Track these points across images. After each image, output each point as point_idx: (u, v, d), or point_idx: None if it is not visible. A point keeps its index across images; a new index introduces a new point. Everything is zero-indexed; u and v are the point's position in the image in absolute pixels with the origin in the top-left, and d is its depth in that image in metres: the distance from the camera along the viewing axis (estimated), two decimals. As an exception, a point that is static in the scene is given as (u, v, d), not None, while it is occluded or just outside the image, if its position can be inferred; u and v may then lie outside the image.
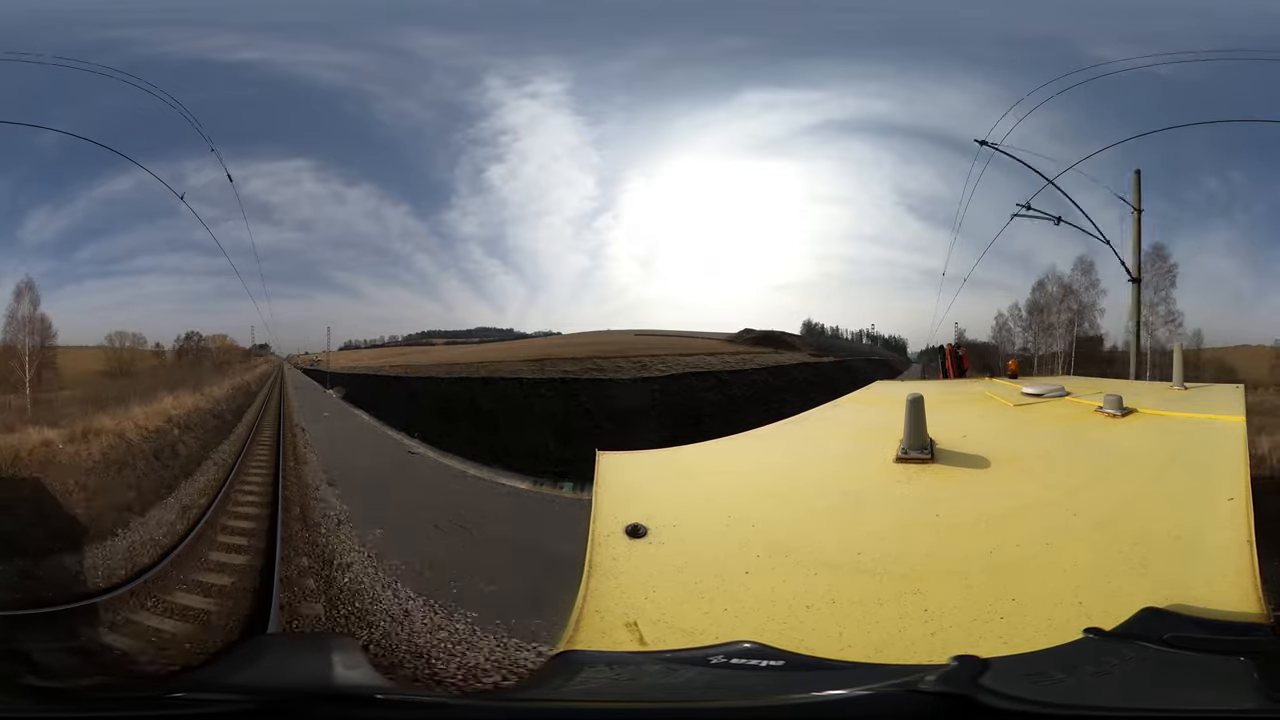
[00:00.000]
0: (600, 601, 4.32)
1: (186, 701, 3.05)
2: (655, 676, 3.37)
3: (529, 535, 12.21)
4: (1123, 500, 4.83)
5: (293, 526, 11.56)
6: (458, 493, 15.91)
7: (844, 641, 3.69)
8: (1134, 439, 6.28)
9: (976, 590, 3.94)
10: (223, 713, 2.88)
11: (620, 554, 4.83)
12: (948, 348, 18.05)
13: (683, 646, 3.70)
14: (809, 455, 7.22)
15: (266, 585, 8.70)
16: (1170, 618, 3.24)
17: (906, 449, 5.89)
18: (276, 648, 4.99)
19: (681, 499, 5.84)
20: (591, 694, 3.24)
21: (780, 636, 3.69)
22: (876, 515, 5.12)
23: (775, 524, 5.13)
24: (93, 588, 8.81)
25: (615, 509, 5.41)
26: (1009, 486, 5.40)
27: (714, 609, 4.14)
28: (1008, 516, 4.80)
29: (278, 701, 2.89)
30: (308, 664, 3.68)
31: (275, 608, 7.95)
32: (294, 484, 14.87)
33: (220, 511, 12.55)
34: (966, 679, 2.57)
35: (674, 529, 5.11)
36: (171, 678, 4.85)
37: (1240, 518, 4.14)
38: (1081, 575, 3.92)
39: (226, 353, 30.59)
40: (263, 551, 10.24)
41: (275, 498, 13.26)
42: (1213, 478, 4.82)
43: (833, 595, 4.09)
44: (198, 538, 10.79)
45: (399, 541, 10.88)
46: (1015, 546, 4.36)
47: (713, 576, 4.49)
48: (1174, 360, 9.94)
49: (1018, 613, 3.69)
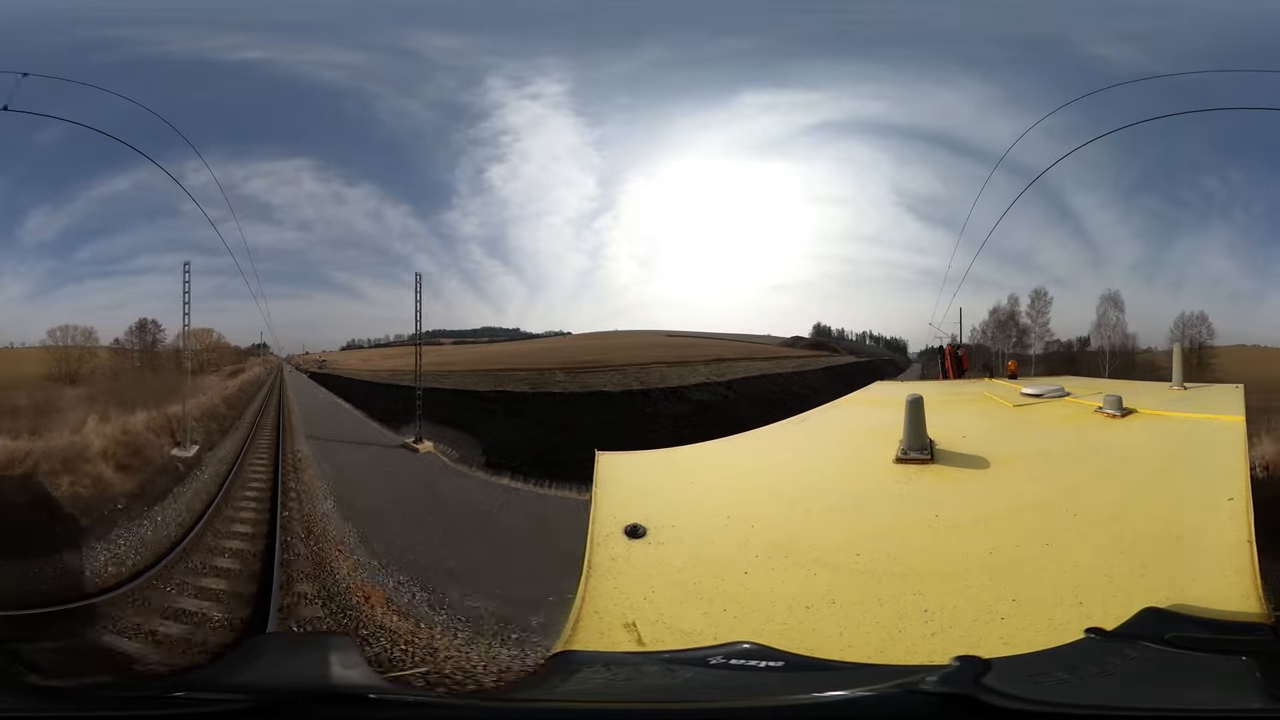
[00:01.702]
0: (598, 602, 4.31)
1: (187, 700, 3.05)
2: (654, 677, 3.36)
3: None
4: (1123, 500, 4.82)
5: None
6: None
7: (844, 642, 3.68)
8: (1134, 439, 6.27)
9: (976, 590, 3.93)
10: (222, 712, 2.87)
11: (619, 554, 4.82)
12: (947, 348, 18.05)
13: (681, 647, 3.68)
14: (808, 456, 7.21)
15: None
16: (1171, 617, 3.24)
17: (906, 449, 5.88)
18: (275, 647, 4.98)
19: (680, 499, 5.82)
20: (589, 694, 3.22)
21: (780, 637, 3.68)
22: (876, 516, 5.11)
23: (774, 524, 5.12)
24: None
25: (614, 509, 5.40)
26: (1009, 487, 5.39)
27: (713, 609, 4.13)
28: (1007, 517, 4.79)
29: (275, 701, 2.89)
30: (305, 664, 3.67)
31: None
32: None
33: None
34: (969, 679, 2.56)
35: (673, 529, 5.10)
36: (172, 677, 4.82)
37: (1240, 517, 4.13)
38: (1082, 575, 3.91)
39: (214, 352, 25.51)
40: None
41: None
42: (1213, 477, 4.81)
43: (832, 596, 4.08)
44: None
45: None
46: (1015, 547, 4.35)
47: (712, 577, 4.48)
48: (1174, 360, 9.87)
49: (1018, 613, 3.68)
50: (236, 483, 13.97)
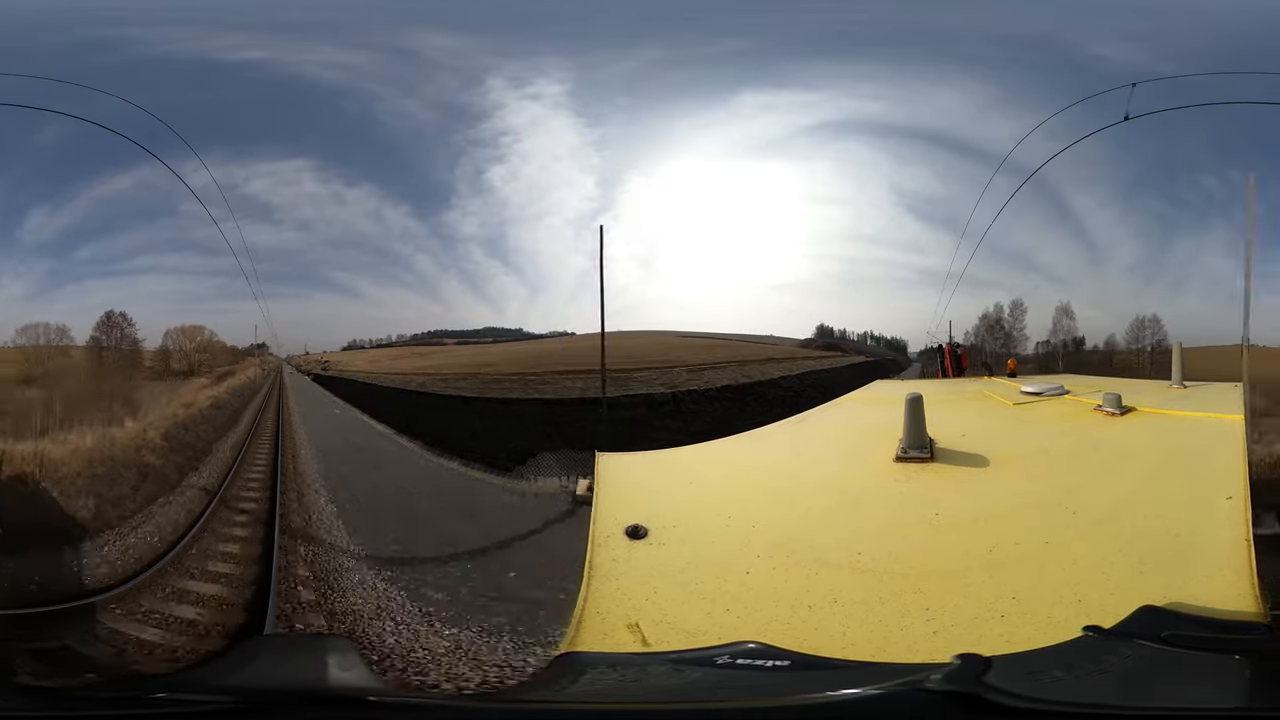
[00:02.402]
0: (601, 603, 4.33)
1: (169, 701, 3.02)
2: (661, 677, 3.37)
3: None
4: (1121, 499, 4.86)
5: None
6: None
7: (847, 640, 3.71)
8: (1133, 437, 6.31)
9: (977, 588, 3.96)
10: (206, 712, 2.84)
11: (621, 555, 4.85)
12: (946, 347, 18.05)
13: (686, 647, 3.71)
14: (808, 455, 7.24)
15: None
16: (1168, 616, 3.26)
17: (906, 448, 5.92)
18: (272, 649, 4.96)
19: (681, 500, 5.85)
20: (597, 695, 3.23)
21: (784, 636, 3.71)
22: (876, 515, 5.14)
23: (775, 524, 5.15)
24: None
25: (615, 510, 5.43)
26: (1008, 485, 5.43)
27: (716, 609, 4.16)
28: (1007, 515, 4.83)
29: (264, 702, 2.87)
30: (303, 665, 3.67)
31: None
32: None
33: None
34: (972, 677, 2.59)
35: (674, 530, 5.13)
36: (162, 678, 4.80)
37: (1239, 516, 4.17)
38: (1081, 573, 3.94)
39: (204, 351, 23.59)
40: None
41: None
42: (1211, 476, 4.85)
43: (834, 595, 4.11)
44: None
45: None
46: (1015, 545, 4.38)
47: (714, 577, 4.51)
48: (1173, 359, 9.86)
49: (1018, 611, 3.71)
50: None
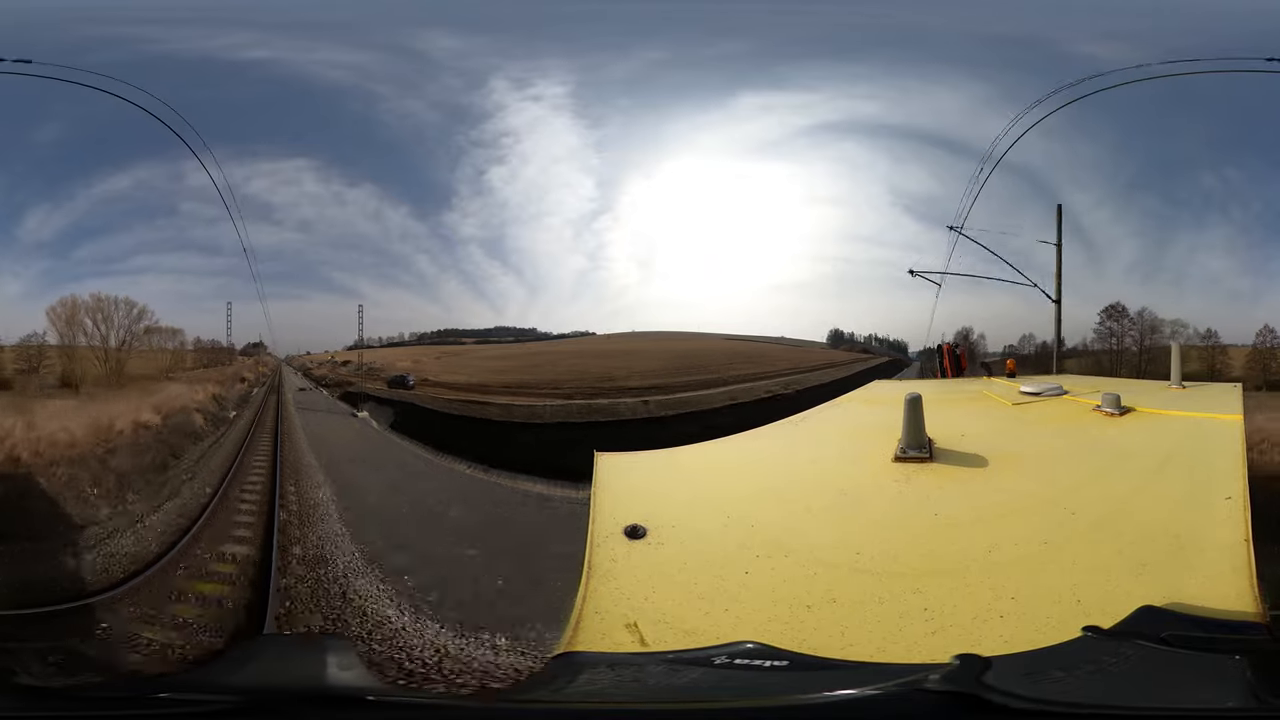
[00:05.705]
0: (600, 603, 4.32)
1: (170, 701, 3.03)
2: (659, 677, 3.36)
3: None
4: (1121, 499, 4.86)
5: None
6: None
7: (846, 641, 3.70)
8: (1132, 438, 6.31)
9: (976, 589, 3.95)
10: (207, 712, 2.84)
11: (619, 555, 4.84)
12: (945, 346, 18.05)
13: (684, 647, 3.70)
14: (807, 455, 7.23)
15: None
16: (1167, 616, 3.26)
17: (905, 448, 5.91)
18: (273, 648, 4.95)
19: (680, 499, 5.84)
20: (595, 695, 3.22)
21: (782, 636, 3.70)
22: (875, 515, 5.14)
23: (774, 524, 5.14)
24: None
25: (614, 510, 5.42)
26: (1007, 485, 5.42)
27: (714, 609, 4.15)
28: (1006, 515, 4.82)
29: (265, 701, 2.86)
30: (303, 665, 3.66)
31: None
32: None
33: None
34: (971, 677, 2.59)
35: (673, 529, 5.12)
36: (162, 678, 4.79)
37: (1238, 517, 4.17)
38: (1080, 573, 3.94)
39: (181, 356, 22.12)
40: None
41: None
42: (1210, 476, 4.85)
43: (833, 595, 4.10)
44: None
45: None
46: (1014, 545, 4.38)
47: (712, 577, 4.49)
48: (1172, 359, 9.87)
49: (1017, 611, 3.71)
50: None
